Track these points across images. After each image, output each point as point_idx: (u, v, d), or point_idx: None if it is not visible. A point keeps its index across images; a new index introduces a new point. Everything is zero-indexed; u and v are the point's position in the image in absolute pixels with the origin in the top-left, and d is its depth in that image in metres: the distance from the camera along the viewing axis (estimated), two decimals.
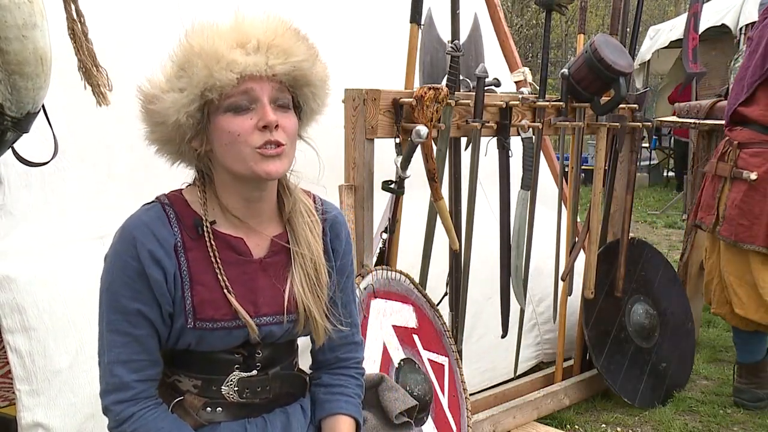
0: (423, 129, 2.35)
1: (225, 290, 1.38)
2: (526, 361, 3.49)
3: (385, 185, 2.53)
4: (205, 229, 1.38)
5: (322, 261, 1.47)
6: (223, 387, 1.43)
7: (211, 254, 1.38)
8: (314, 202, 1.53)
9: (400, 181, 2.52)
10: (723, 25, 8.50)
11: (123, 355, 1.34)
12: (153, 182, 1.50)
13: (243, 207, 1.41)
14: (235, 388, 1.43)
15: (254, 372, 1.45)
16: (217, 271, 1.38)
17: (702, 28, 6.26)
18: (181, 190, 1.44)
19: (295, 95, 1.38)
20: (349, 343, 1.59)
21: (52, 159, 1.72)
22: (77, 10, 1.58)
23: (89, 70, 1.57)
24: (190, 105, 1.29)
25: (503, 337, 3.13)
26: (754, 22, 8.63)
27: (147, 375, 1.37)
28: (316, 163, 1.50)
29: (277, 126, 1.32)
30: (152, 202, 1.42)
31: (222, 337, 1.39)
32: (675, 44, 9.26)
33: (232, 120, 1.31)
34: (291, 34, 1.34)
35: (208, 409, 1.43)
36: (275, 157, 1.32)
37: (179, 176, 1.48)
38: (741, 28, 8.25)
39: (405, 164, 2.48)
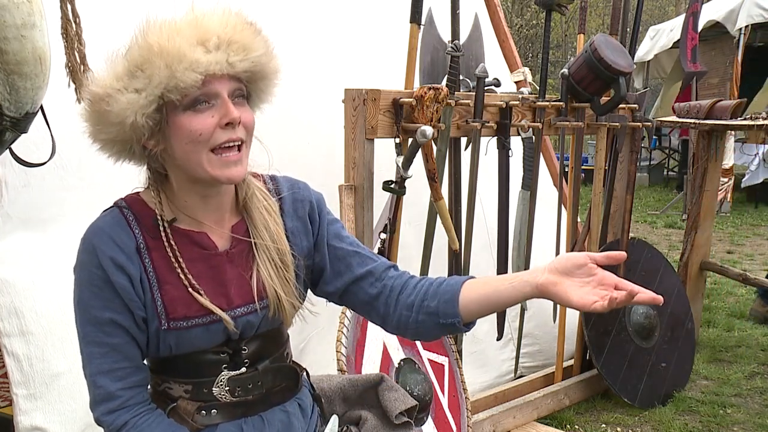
0: (428, 129, 2.34)
1: (190, 289, 1.35)
2: (505, 374, 3.44)
3: (386, 185, 2.52)
4: (162, 229, 1.35)
5: (284, 242, 1.43)
6: (213, 388, 1.40)
7: (171, 254, 1.35)
8: (265, 183, 1.49)
9: (401, 181, 2.51)
10: (722, 25, 8.48)
11: (104, 366, 1.32)
12: None
13: (201, 203, 1.37)
14: (226, 388, 1.40)
15: (243, 369, 1.42)
16: (179, 270, 1.35)
17: (701, 28, 6.24)
18: (139, 192, 1.41)
19: (248, 87, 1.35)
20: (388, 267, 1.49)
21: (49, 160, 1.72)
22: (73, 11, 1.57)
23: (76, 70, 1.56)
24: (149, 106, 1.25)
25: (498, 339, 3.12)
26: (756, 23, 8.52)
27: (132, 382, 1.34)
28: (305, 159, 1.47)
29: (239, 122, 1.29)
30: (110, 207, 1.38)
31: (200, 335, 1.36)
32: (677, 45, 9.24)
33: (192, 118, 1.27)
34: (249, 29, 1.31)
35: (203, 412, 1.40)
36: (237, 162, 1.30)
37: None
38: (740, 29, 8.23)
39: (407, 164, 2.47)
